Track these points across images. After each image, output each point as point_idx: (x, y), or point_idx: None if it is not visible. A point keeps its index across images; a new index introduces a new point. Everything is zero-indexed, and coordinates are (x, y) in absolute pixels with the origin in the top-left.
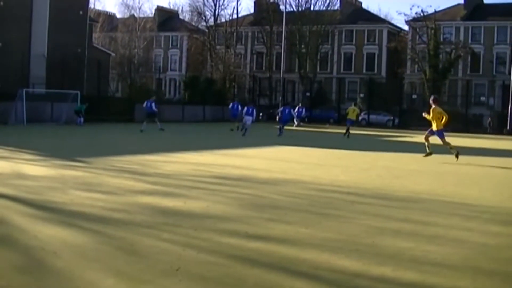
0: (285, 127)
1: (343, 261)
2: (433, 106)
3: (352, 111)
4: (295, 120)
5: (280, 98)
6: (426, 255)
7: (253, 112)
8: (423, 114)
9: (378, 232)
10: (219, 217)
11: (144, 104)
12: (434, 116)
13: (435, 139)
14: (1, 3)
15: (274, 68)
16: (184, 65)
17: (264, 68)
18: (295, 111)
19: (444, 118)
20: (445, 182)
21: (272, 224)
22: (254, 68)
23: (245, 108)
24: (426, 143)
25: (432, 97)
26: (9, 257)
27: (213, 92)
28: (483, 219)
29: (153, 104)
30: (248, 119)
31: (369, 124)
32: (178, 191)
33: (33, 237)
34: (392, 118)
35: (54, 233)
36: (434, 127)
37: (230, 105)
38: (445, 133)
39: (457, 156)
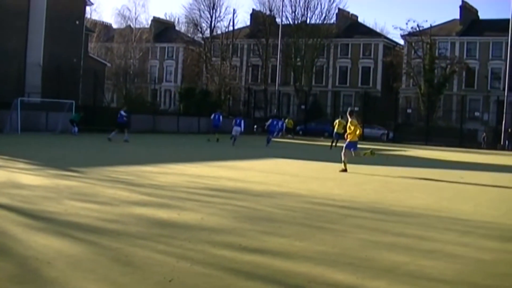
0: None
1: (337, 274)
2: (350, 119)
3: (339, 124)
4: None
5: (275, 110)
6: (422, 269)
7: (241, 123)
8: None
9: (373, 246)
10: (213, 229)
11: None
12: (354, 127)
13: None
14: None
15: (269, 80)
16: (179, 76)
17: (259, 80)
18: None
19: (358, 131)
20: (441, 197)
21: (267, 237)
22: (250, 81)
23: (234, 119)
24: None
25: (348, 110)
26: (3, 267)
27: (208, 104)
28: (478, 235)
29: (121, 112)
30: (237, 130)
31: (364, 138)
32: (172, 202)
33: (27, 246)
34: (386, 132)
35: (49, 243)
36: (349, 138)
37: (212, 116)
38: (439, 147)
39: (372, 153)
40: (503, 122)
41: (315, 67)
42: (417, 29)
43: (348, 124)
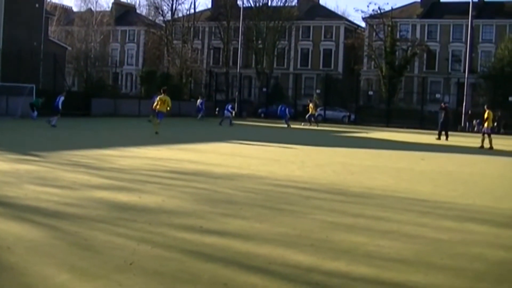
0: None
1: (297, 255)
2: (163, 95)
3: (312, 107)
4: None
5: (237, 93)
6: (380, 250)
7: (231, 108)
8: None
9: (333, 227)
10: (174, 212)
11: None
12: (161, 101)
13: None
14: None
15: (231, 63)
16: (140, 59)
17: (221, 63)
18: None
19: (169, 106)
20: (400, 178)
21: (227, 219)
22: (211, 63)
23: (225, 105)
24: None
25: (162, 89)
26: None
27: (169, 87)
28: (436, 215)
29: (61, 99)
30: (227, 114)
31: (325, 120)
32: (133, 185)
33: None
34: (348, 114)
35: (8, 227)
36: (159, 109)
37: (152, 98)
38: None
39: None
40: (464, 104)
41: (276, 50)
42: (378, 11)
43: (161, 98)
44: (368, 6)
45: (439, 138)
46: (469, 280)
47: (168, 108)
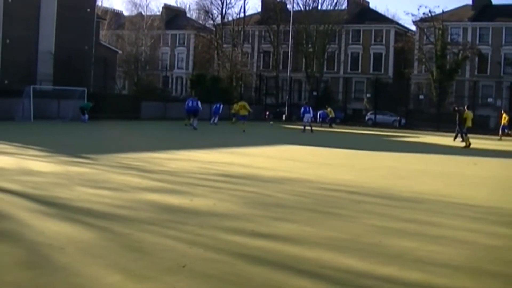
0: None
1: (348, 260)
2: (241, 101)
3: (330, 111)
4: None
5: (287, 97)
6: (431, 255)
7: (310, 111)
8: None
9: (383, 231)
10: (224, 215)
11: (190, 103)
12: (241, 107)
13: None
14: (9, 0)
15: (280, 67)
16: (190, 63)
17: (270, 67)
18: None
19: (248, 110)
20: (450, 183)
21: (277, 223)
22: (261, 67)
23: (303, 108)
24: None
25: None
26: (15, 253)
27: (219, 91)
28: (488, 221)
29: (199, 103)
30: (307, 117)
31: (375, 124)
32: (183, 188)
33: (39, 233)
34: (398, 118)
35: (60, 229)
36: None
37: (186, 102)
38: (451, 133)
39: None
40: None
41: (326, 53)
42: (429, 15)
43: (240, 104)
44: (418, 9)
45: (454, 139)
46: None
47: (250, 111)
